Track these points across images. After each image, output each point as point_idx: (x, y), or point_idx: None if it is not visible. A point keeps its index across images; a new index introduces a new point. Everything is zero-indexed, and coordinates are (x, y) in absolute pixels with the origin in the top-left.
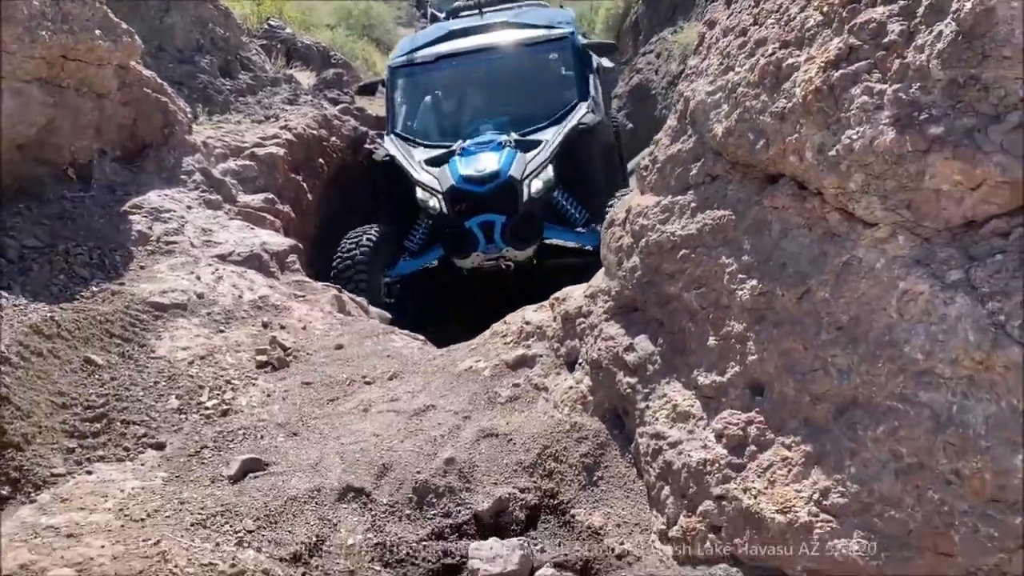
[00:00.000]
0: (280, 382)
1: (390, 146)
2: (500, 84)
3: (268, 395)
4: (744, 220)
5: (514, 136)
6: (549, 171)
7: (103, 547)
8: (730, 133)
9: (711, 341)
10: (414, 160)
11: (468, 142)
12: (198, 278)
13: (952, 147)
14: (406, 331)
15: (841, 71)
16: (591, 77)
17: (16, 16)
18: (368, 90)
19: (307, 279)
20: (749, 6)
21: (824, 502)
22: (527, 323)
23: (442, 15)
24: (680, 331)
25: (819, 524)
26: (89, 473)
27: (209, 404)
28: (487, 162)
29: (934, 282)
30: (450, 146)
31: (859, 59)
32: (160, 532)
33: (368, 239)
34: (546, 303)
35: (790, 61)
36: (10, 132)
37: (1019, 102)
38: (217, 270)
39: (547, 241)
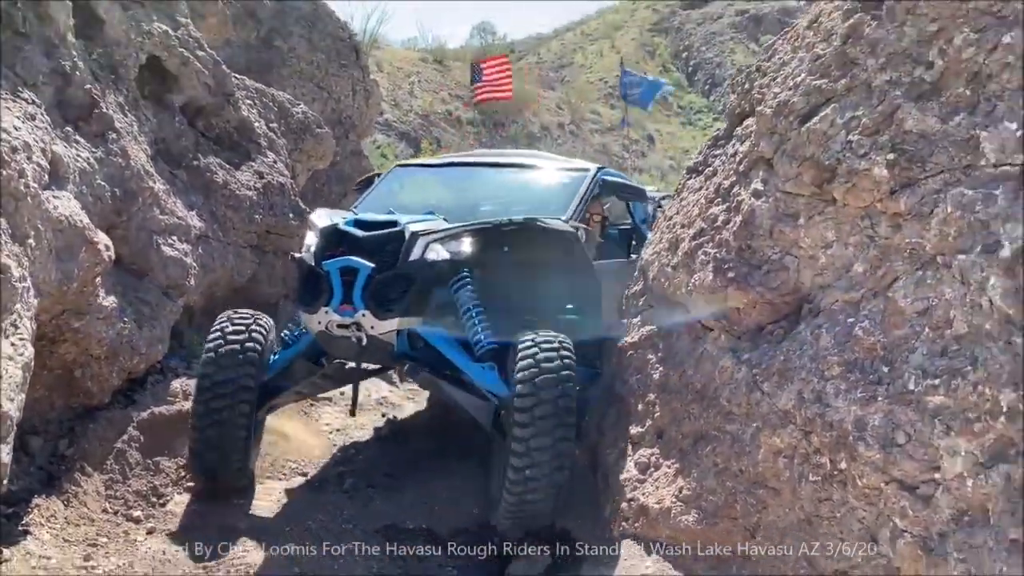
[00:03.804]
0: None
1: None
2: (491, 190)
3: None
4: (661, 331)
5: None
6: (466, 246)
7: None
8: (655, 278)
9: (639, 407)
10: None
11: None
12: None
13: (736, 284)
14: None
15: (696, 242)
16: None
17: (242, 206)
18: (367, 183)
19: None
20: (678, 203)
21: (679, 496)
22: None
23: None
24: (626, 402)
25: (675, 508)
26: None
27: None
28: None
29: (735, 360)
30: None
31: (704, 235)
32: (342, 439)
33: (259, 329)
34: None
35: (681, 235)
36: (230, 280)
37: (769, 260)
38: None
39: (424, 338)
